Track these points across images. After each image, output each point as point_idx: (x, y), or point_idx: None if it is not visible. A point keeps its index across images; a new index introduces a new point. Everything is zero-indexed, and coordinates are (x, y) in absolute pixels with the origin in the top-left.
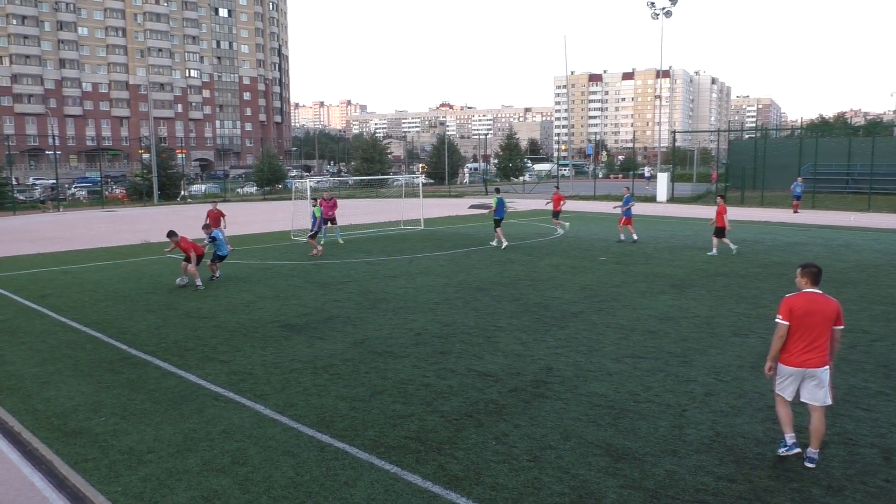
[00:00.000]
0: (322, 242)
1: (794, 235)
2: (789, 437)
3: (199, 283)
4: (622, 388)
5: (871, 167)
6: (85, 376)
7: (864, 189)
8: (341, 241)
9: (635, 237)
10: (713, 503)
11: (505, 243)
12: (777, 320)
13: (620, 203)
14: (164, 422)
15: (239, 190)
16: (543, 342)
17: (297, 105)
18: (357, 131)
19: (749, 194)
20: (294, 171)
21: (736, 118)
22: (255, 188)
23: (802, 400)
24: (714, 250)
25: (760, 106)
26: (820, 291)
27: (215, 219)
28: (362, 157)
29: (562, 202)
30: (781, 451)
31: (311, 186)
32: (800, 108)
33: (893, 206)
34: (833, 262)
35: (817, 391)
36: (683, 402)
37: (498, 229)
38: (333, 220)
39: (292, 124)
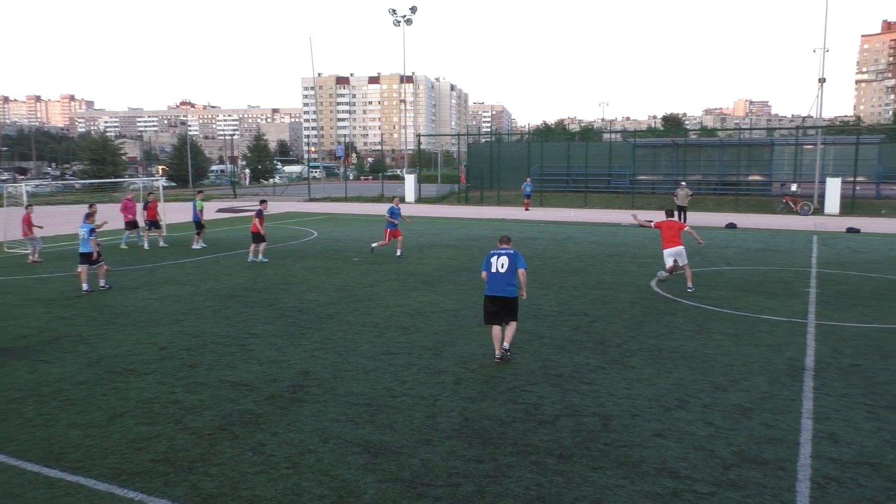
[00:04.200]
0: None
1: (525, 231)
2: None
3: None
4: (378, 385)
5: (586, 168)
6: None
7: (581, 187)
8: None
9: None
10: (464, 484)
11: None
12: None
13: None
14: None
15: None
16: (300, 346)
17: (6, 99)
18: (84, 130)
19: (487, 194)
20: (6, 173)
21: (473, 123)
22: None
23: None
24: (251, 256)
25: (494, 112)
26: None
27: None
28: (91, 159)
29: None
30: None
31: (27, 191)
32: (527, 115)
33: (605, 202)
34: (558, 253)
35: None
36: (436, 393)
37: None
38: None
39: (2, 120)
